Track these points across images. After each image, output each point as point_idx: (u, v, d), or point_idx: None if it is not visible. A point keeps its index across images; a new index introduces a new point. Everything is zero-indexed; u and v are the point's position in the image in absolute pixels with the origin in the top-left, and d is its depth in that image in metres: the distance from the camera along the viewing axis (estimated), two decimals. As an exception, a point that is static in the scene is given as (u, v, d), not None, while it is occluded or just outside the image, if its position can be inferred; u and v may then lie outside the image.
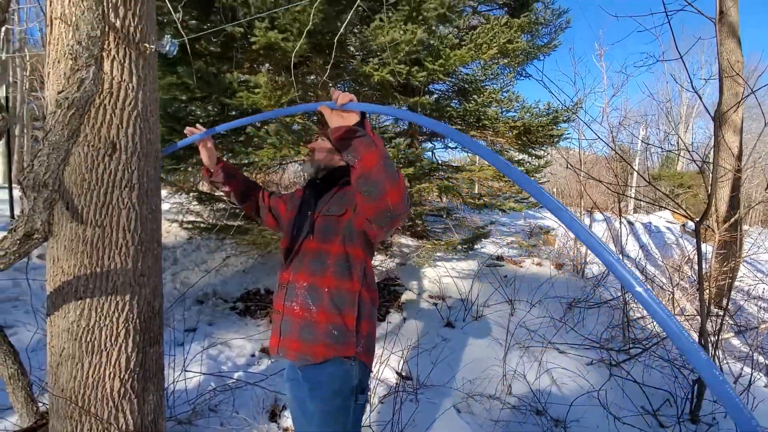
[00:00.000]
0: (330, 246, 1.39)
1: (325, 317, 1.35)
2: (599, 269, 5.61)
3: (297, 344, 1.36)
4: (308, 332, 1.35)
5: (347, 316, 1.36)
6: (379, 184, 1.18)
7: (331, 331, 1.34)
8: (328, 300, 1.35)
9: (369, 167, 1.17)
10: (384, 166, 1.18)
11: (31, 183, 1.05)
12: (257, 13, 2.87)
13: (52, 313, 1.39)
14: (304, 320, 1.36)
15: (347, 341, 1.35)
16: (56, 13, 1.35)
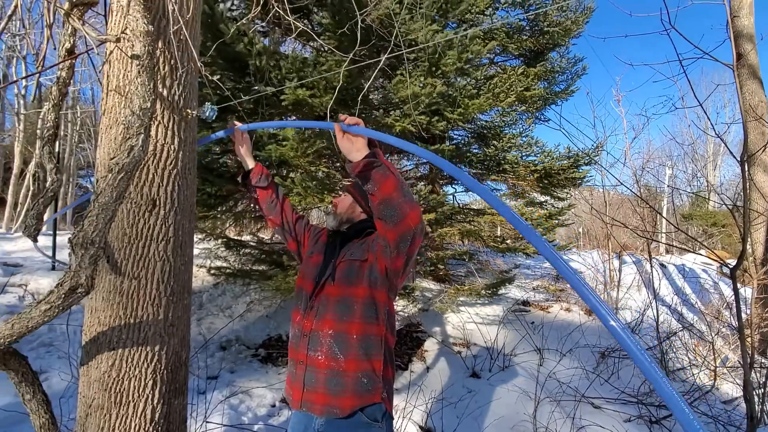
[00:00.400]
0: (356, 290, 1.38)
1: (354, 365, 1.31)
2: (632, 315, 5.34)
3: (324, 397, 1.31)
4: (336, 383, 1.30)
5: (376, 361, 1.33)
6: (399, 207, 1.26)
7: (361, 379, 1.30)
8: (357, 346, 1.32)
9: (388, 193, 1.26)
10: (401, 190, 1.27)
11: (80, 241, 1.13)
12: (287, 74, 3.10)
13: (86, 363, 1.44)
14: (330, 370, 1.32)
15: (375, 387, 1.32)
16: (112, 86, 1.52)
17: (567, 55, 6.02)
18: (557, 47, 5.98)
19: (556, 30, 5.43)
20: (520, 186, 5.69)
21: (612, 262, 7.09)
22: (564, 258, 0.81)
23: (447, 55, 3.49)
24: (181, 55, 1.55)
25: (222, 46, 3.13)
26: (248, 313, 4.19)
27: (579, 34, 5.81)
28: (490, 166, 5.25)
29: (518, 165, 5.07)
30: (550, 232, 5.81)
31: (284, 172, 3.96)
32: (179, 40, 1.54)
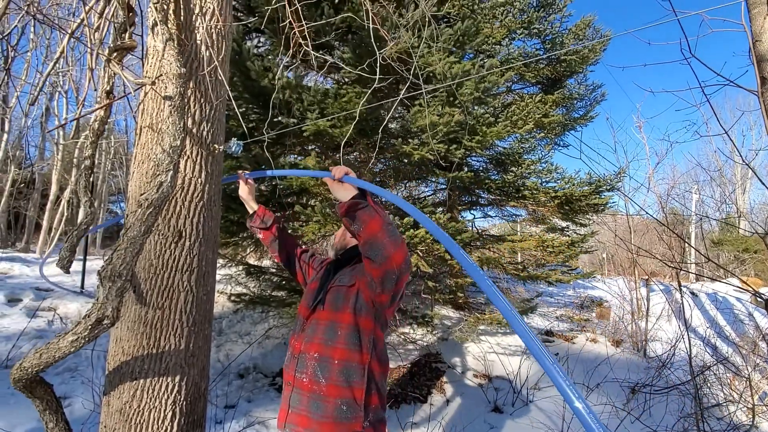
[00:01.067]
0: (341, 315, 1.41)
1: (334, 391, 1.33)
2: (662, 347, 5.07)
3: (306, 420, 1.33)
4: (317, 407, 1.33)
5: (357, 390, 1.34)
6: (384, 248, 1.28)
7: (340, 406, 1.32)
8: (338, 372, 1.34)
9: (373, 233, 1.29)
10: (386, 231, 1.30)
11: (108, 274, 1.17)
12: (309, 106, 3.20)
13: (109, 392, 1.46)
14: (313, 393, 1.34)
15: (355, 416, 1.32)
16: (145, 123, 1.60)
17: (585, 82, 6.04)
18: (575, 74, 6.01)
19: (574, 58, 5.48)
20: (540, 212, 5.61)
21: (639, 291, 6.81)
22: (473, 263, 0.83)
23: (464, 85, 3.55)
24: (211, 93, 1.63)
25: (248, 81, 3.28)
26: (266, 340, 4.19)
27: (597, 61, 5.84)
28: (509, 192, 5.22)
29: (538, 191, 5.02)
30: (573, 259, 5.66)
31: (304, 200, 4.03)
32: (210, 80, 1.63)
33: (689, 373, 3.91)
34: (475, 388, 3.83)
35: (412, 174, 5.28)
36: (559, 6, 5.55)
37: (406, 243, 3.68)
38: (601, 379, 3.88)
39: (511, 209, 6.11)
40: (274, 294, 4.40)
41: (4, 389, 2.82)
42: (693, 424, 3.30)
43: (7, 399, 2.73)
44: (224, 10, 1.70)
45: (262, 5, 3.27)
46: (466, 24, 3.66)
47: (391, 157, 4.55)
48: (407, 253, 1.35)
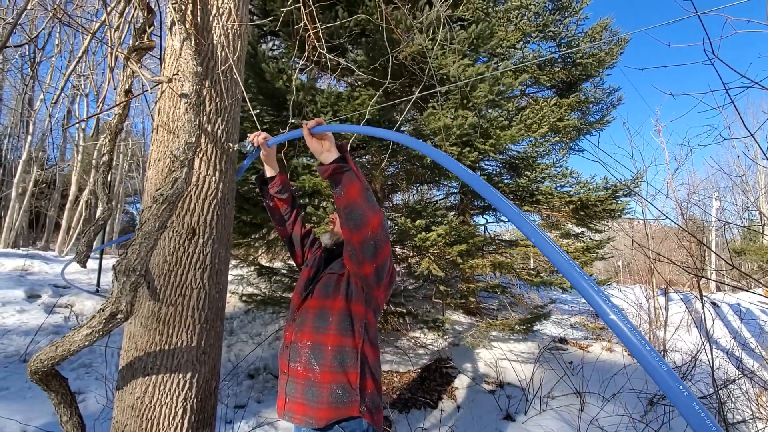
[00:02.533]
0: (332, 303, 1.41)
1: (328, 377, 1.33)
2: (682, 358, 4.92)
3: (302, 407, 1.34)
4: (312, 393, 1.33)
5: (350, 373, 1.34)
6: (362, 213, 1.29)
7: (335, 391, 1.32)
8: (332, 358, 1.34)
9: (353, 198, 1.29)
10: (365, 197, 1.30)
11: (123, 269, 1.18)
12: (322, 108, 3.22)
13: (121, 387, 1.47)
14: (307, 381, 1.35)
15: (351, 400, 1.32)
16: (162, 121, 1.62)
17: (601, 86, 5.95)
18: (591, 78, 5.93)
19: (590, 61, 5.40)
20: (554, 217, 5.53)
21: (657, 299, 6.64)
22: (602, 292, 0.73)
23: (478, 88, 3.53)
24: (226, 92, 1.65)
25: (263, 83, 3.31)
26: (277, 341, 4.20)
27: (613, 64, 5.75)
28: (523, 196, 5.15)
29: (552, 196, 4.94)
30: (587, 265, 5.55)
31: (316, 202, 4.04)
32: (225, 79, 1.65)
33: (712, 386, 3.78)
34: (486, 395, 3.76)
35: (424, 177, 5.25)
36: (575, 9, 5.50)
37: (418, 246, 3.65)
38: (618, 389, 3.77)
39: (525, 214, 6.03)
40: (285, 295, 4.41)
41: (22, 383, 2.87)
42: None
43: (24, 393, 2.79)
44: (240, 10, 1.72)
45: (278, 8, 3.31)
46: (480, 27, 3.64)
47: (403, 160, 4.54)
48: (383, 218, 1.37)
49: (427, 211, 3.86)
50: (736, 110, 2.09)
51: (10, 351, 3.26)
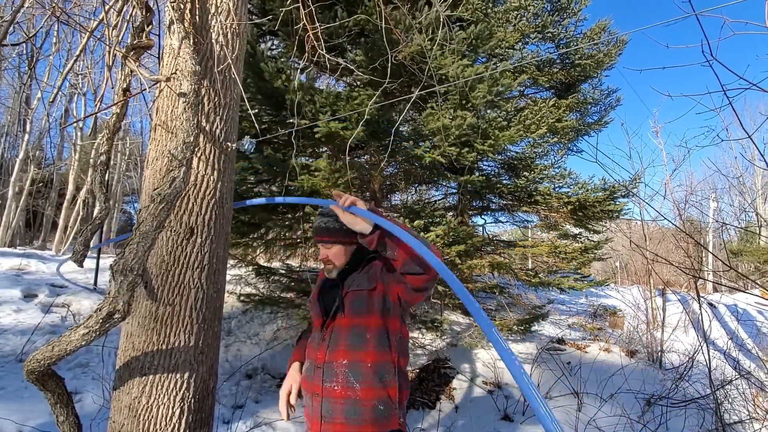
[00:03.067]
0: (367, 320, 1.39)
1: (370, 393, 1.33)
2: (679, 359, 4.93)
3: (343, 427, 1.32)
4: (354, 412, 1.32)
5: (391, 388, 1.35)
6: (422, 261, 1.27)
7: (377, 407, 1.32)
8: (372, 374, 1.34)
9: (407, 255, 1.27)
10: (414, 246, 1.26)
11: (120, 268, 1.18)
12: (321, 108, 3.21)
13: (118, 387, 1.46)
14: (347, 400, 1.33)
15: (392, 414, 1.33)
16: (160, 120, 1.62)
17: (600, 87, 5.97)
18: (589, 79, 5.94)
19: (588, 62, 5.41)
20: (552, 218, 5.53)
21: (654, 300, 6.66)
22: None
23: (477, 89, 3.53)
24: (225, 91, 1.64)
25: (261, 82, 3.31)
26: (275, 341, 4.19)
27: (612, 66, 5.77)
28: (521, 197, 5.16)
29: (550, 196, 4.95)
30: (585, 266, 5.57)
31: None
32: (223, 78, 1.64)
33: (709, 387, 3.79)
34: (484, 396, 3.76)
35: (423, 177, 5.25)
36: (573, 10, 5.51)
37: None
38: (615, 389, 3.78)
39: (523, 215, 6.04)
40: (283, 295, 4.40)
41: (18, 383, 2.86)
42: (713, 440, 3.19)
43: (21, 393, 2.77)
44: (239, 9, 1.72)
45: (276, 7, 3.31)
46: (479, 27, 3.65)
47: (402, 161, 4.54)
48: (440, 254, 1.34)
49: (425, 212, 3.86)
50: (734, 111, 2.09)
51: (6, 351, 3.24)
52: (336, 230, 1.48)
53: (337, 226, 1.48)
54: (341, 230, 1.47)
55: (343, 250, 1.51)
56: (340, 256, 1.51)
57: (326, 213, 1.53)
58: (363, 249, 1.50)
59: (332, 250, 1.50)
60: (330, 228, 1.49)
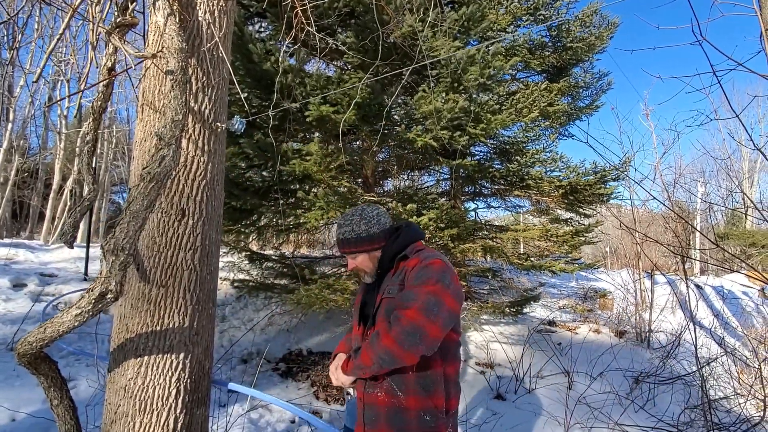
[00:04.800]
0: None
1: (414, 402, 1.29)
2: (667, 338, 5.06)
3: None
4: (399, 419, 1.29)
5: (437, 398, 1.30)
6: (419, 337, 1.22)
7: (423, 416, 1.28)
8: (415, 383, 1.30)
9: (393, 349, 1.24)
10: (397, 342, 1.22)
11: (111, 247, 1.16)
12: (312, 91, 3.17)
13: (113, 369, 1.46)
14: (392, 407, 1.30)
15: (438, 424, 1.29)
16: (147, 100, 1.58)
17: (591, 71, 5.96)
18: (581, 63, 5.93)
19: (580, 46, 5.39)
20: (544, 202, 5.57)
21: (643, 282, 6.79)
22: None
23: (469, 71, 3.50)
24: (213, 71, 1.61)
25: (250, 64, 3.25)
26: (269, 326, 4.21)
27: (603, 49, 5.75)
28: (513, 181, 5.18)
29: (542, 180, 4.98)
30: (576, 249, 5.64)
31: (306, 187, 4.01)
32: (211, 57, 1.61)
33: (695, 364, 3.89)
34: (477, 376, 3.83)
35: (415, 163, 5.24)
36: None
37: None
38: (604, 368, 3.87)
39: (515, 199, 6.07)
40: (277, 282, 4.40)
41: (9, 371, 2.84)
42: (700, 416, 3.29)
43: (12, 381, 2.76)
44: (226, -15, 1.67)
45: (265, -12, 3.23)
46: (471, 9, 3.60)
47: (394, 145, 4.52)
48: (435, 330, 1.24)
49: (418, 196, 3.86)
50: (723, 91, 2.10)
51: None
52: (356, 240, 1.46)
53: (355, 236, 1.46)
54: (361, 239, 1.46)
55: (368, 258, 1.49)
56: (366, 264, 1.49)
57: (344, 224, 1.50)
58: (391, 250, 1.47)
59: (357, 259, 1.49)
60: (350, 239, 1.46)
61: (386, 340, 1.23)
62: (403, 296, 1.29)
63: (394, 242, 1.46)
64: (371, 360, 1.26)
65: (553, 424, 2.96)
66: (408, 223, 1.55)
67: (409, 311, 1.23)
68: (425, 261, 1.35)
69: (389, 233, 1.49)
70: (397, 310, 1.27)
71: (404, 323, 1.22)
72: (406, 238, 1.47)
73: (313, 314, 4.23)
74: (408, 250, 1.44)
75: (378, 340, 1.25)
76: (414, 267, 1.35)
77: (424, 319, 1.22)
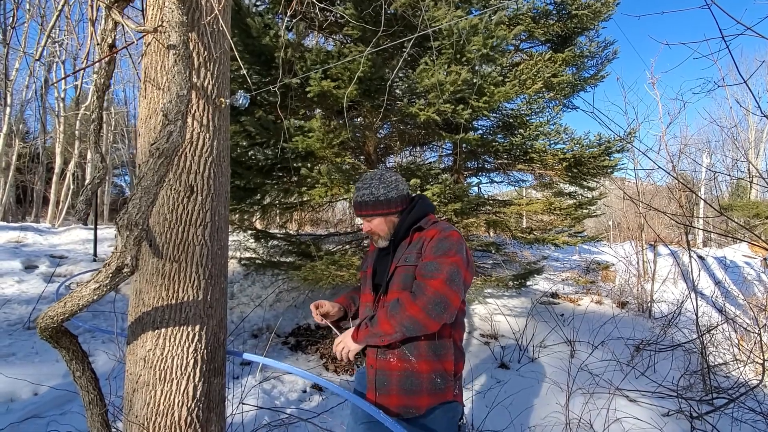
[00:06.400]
0: None
1: (427, 366, 1.35)
2: (668, 308, 5.14)
3: (398, 399, 1.35)
4: (411, 383, 1.35)
5: (447, 362, 1.37)
6: (426, 323, 1.29)
7: (435, 379, 1.35)
8: (427, 348, 1.35)
9: (409, 317, 1.29)
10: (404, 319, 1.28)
11: (125, 223, 1.19)
12: (312, 65, 3.12)
13: (132, 342, 1.51)
14: (404, 371, 1.36)
15: (447, 386, 1.36)
16: (150, 77, 1.57)
17: (596, 39, 5.80)
18: (586, 31, 5.77)
19: (585, 13, 5.24)
20: (547, 176, 5.55)
21: (645, 253, 6.83)
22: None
23: (472, 42, 3.43)
24: (214, 45, 1.59)
25: (249, 39, 3.19)
26: (278, 303, 4.29)
27: (609, 16, 5.58)
28: (517, 155, 5.14)
29: (546, 153, 4.94)
30: (579, 222, 5.65)
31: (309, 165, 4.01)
32: (212, 31, 1.58)
33: (695, 332, 3.97)
34: (482, 347, 3.93)
35: (417, 138, 5.21)
36: (571, -44, 5.26)
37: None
38: (606, 336, 3.96)
39: (518, 174, 6.04)
40: (283, 259, 4.46)
41: (29, 349, 2.93)
42: (699, 380, 3.38)
43: (32, 358, 2.85)
44: (224, -45, 1.63)
45: (261, -41, 3.13)
46: (474, -25, 3.49)
47: (396, 120, 4.48)
48: (444, 301, 1.28)
49: (421, 171, 3.86)
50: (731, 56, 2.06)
51: (12, 319, 3.30)
52: (374, 203, 1.47)
53: (373, 199, 1.47)
54: (379, 202, 1.47)
55: (383, 221, 1.50)
56: (382, 227, 1.50)
57: (363, 186, 1.50)
58: (409, 215, 1.48)
59: (373, 222, 1.50)
60: (368, 201, 1.48)
61: (412, 310, 1.27)
62: (426, 266, 1.32)
63: (410, 212, 1.48)
64: (393, 328, 1.30)
65: (555, 390, 3.05)
66: (421, 196, 1.57)
67: (435, 281, 1.28)
68: (444, 232, 1.39)
69: (406, 200, 1.51)
70: (422, 279, 1.30)
71: (430, 293, 1.27)
72: (422, 209, 1.50)
73: (319, 290, 4.31)
74: (423, 222, 1.47)
75: (402, 308, 1.29)
76: (433, 238, 1.38)
77: (448, 290, 1.28)
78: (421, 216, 1.48)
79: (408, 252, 1.43)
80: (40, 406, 2.35)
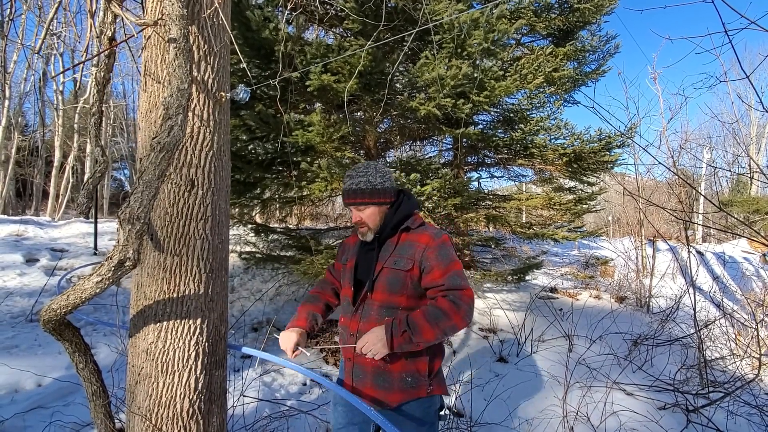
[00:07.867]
0: (398, 298, 1.41)
1: (398, 365, 1.39)
2: (666, 303, 5.16)
3: (372, 391, 1.40)
4: (383, 380, 1.39)
5: (419, 363, 1.40)
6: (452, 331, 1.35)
7: (405, 378, 1.38)
8: (402, 352, 1.36)
9: (433, 337, 1.32)
10: (439, 326, 1.31)
11: (127, 216, 1.19)
12: (312, 59, 3.11)
13: (134, 334, 1.53)
14: (376, 368, 1.40)
15: (420, 385, 1.40)
16: (150, 71, 1.57)
17: (598, 33, 5.78)
18: (588, 25, 5.74)
19: (588, 6, 5.21)
20: (548, 171, 5.55)
21: (644, 249, 6.85)
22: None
23: (473, 36, 3.41)
24: (214, 38, 1.59)
25: (248, 33, 3.17)
26: (278, 296, 4.31)
27: (612, 10, 5.55)
28: (517, 150, 5.14)
29: (546, 148, 4.93)
30: (578, 217, 5.67)
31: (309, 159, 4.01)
32: (212, 24, 1.58)
33: (693, 327, 4.00)
34: (480, 341, 3.96)
35: (417, 133, 5.20)
36: (573, -51, 5.21)
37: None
38: (604, 331, 3.98)
39: (518, 169, 6.04)
40: (282, 253, 4.47)
41: (31, 341, 2.96)
42: (696, 374, 3.41)
43: (35, 350, 2.88)
44: (224, -53, 1.62)
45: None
46: (475, -31, 3.47)
47: (396, 115, 4.47)
48: (467, 314, 1.34)
49: (421, 166, 3.86)
50: (734, 50, 2.06)
51: (15, 311, 3.32)
52: (371, 191, 1.45)
53: (370, 187, 1.44)
54: (376, 190, 1.45)
55: (376, 211, 1.47)
56: (374, 218, 1.47)
57: (357, 174, 1.48)
58: (397, 211, 1.48)
59: (365, 212, 1.47)
60: (364, 189, 1.45)
61: (456, 318, 1.32)
62: (451, 279, 1.36)
63: (399, 206, 1.49)
64: (436, 336, 1.32)
65: (553, 383, 3.08)
66: (405, 190, 1.57)
67: (467, 291, 1.36)
68: (438, 239, 1.42)
69: (396, 193, 1.53)
70: (456, 291, 1.35)
71: (467, 301, 1.34)
72: (408, 206, 1.51)
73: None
74: (409, 222, 1.48)
75: (447, 317, 1.31)
76: (430, 246, 1.40)
77: (474, 296, 1.37)
78: (409, 214, 1.49)
79: (396, 255, 1.42)
80: (44, 397, 2.37)
